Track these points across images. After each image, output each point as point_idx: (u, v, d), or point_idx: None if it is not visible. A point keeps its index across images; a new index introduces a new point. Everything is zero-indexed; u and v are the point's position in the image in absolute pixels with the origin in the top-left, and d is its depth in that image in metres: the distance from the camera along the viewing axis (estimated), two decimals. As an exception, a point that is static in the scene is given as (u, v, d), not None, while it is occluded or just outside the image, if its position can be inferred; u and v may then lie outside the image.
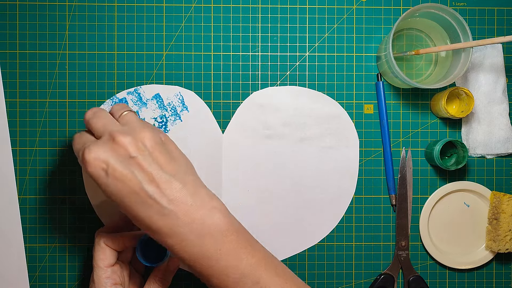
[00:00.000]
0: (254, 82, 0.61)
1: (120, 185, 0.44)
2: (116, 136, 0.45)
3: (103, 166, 0.44)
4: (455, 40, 0.57)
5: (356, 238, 0.61)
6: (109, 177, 0.44)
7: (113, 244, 0.51)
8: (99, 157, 0.44)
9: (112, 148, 0.44)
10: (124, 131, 0.45)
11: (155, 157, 0.45)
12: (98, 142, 0.45)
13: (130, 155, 0.44)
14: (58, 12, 0.60)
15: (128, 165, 0.44)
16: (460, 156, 0.59)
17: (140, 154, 0.45)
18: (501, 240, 0.59)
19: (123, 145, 0.44)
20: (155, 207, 0.44)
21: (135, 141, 0.45)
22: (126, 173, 0.44)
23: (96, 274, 0.51)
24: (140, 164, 0.44)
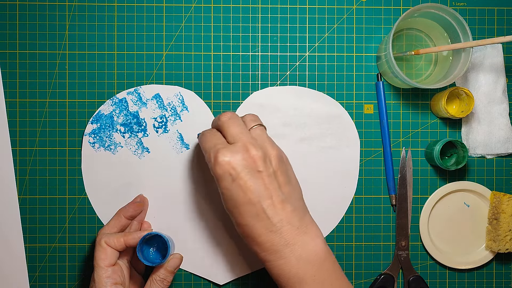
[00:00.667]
0: (254, 82, 0.61)
1: (242, 193, 0.47)
2: (250, 148, 0.47)
3: (232, 172, 0.46)
4: (455, 40, 0.57)
5: (356, 238, 0.61)
6: (234, 183, 0.46)
7: (114, 244, 0.52)
8: (230, 162, 0.46)
9: (244, 157, 0.47)
10: (257, 145, 0.48)
11: (277, 176, 0.48)
12: (231, 147, 0.47)
13: (258, 169, 0.47)
14: (58, 12, 0.60)
15: (254, 178, 0.47)
16: (460, 156, 0.59)
17: (266, 170, 0.47)
18: (501, 240, 0.59)
19: (254, 158, 0.47)
20: (265, 222, 0.47)
21: (264, 157, 0.48)
22: (250, 185, 0.46)
23: (97, 274, 0.51)
24: (264, 180, 0.47)
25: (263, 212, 0.47)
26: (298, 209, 0.49)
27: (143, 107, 0.59)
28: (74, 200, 0.60)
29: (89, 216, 0.60)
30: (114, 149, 0.59)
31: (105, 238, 0.52)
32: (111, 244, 0.52)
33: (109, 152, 0.59)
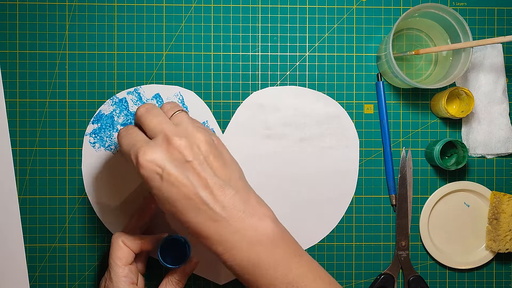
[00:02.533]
0: (254, 82, 0.61)
1: (175, 190, 0.43)
2: (172, 139, 0.43)
3: (158, 170, 0.43)
4: (455, 40, 0.57)
5: (356, 238, 0.61)
6: (164, 181, 0.43)
7: (131, 245, 0.52)
8: (154, 161, 0.43)
9: (167, 151, 0.43)
10: (179, 133, 0.44)
11: (210, 162, 0.44)
12: (152, 143, 0.44)
13: (186, 159, 0.43)
14: (58, 12, 0.60)
15: (183, 170, 0.43)
16: (460, 156, 0.59)
17: (195, 158, 0.44)
18: (501, 240, 0.59)
19: (179, 149, 0.43)
20: (207, 213, 0.43)
21: (190, 144, 0.44)
22: (181, 179, 0.43)
23: (114, 273, 0.50)
24: (195, 169, 0.43)
25: (203, 203, 0.43)
26: (240, 190, 0.45)
27: (143, 107, 0.59)
28: (74, 200, 0.60)
29: (89, 216, 0.60)
30: (114, 149, 0.59)
31: (123, 237, 0.51)
32: (128, 244, 0.51)
33: (109, 152, 0.59)
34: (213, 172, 0.44)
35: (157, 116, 0.46)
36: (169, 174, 0.43)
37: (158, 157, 0.43)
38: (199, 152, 0.44)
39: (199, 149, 0.44)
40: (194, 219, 0.44)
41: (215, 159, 0.45)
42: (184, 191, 0.43)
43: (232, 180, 0.45)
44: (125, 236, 0.52)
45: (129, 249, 0.51)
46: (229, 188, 0.44)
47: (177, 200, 0.43)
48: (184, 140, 0.44)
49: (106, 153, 0.59)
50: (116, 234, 0.52)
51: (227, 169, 0.45)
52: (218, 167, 0.45)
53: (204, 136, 0.45)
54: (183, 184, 0.43)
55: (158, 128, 0.45)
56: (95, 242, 0.60)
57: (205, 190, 0.43)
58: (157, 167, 0.43)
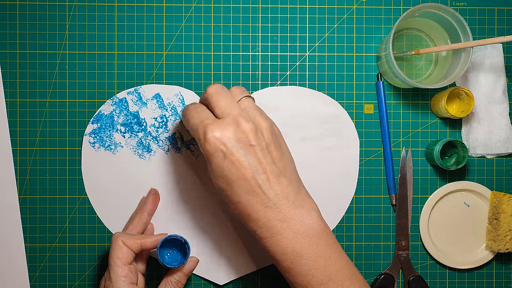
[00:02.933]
0: (254, 82, 0.61)
1: (234, 169, 0.45)
2: (240, 122, 0.46)
3: (223, 148, 0.45)
4: (455, 40, 0.57)
5: (356, 238, 0.61)
6: (226, 159, 0.45)
7: (131, 245, 0.52)
8: (221, 138, 0.45)
9: (235, 132, 0.45)
10: (247, 118, 0.46)
11: (270, 150, 0.47)
12: (220, 122, 0.46)
13: (250, 143, 0.45)
14: (58, 12, 0.60)
15: (246, 152, 0.45)
16: (460, 156, 0.59)
17: (258, 144, 0.46)
18: (501, 240, 0.59)
19: (246, 132, 0.45)
20: (260, 197, 0.46)
21: (255, 130, 0.46)
22: (243, 160, 0.45)
23: (114, 272, 0.51)
24: (257, 154, 0.46)
25: (258, 187, 0.45)
26: (294, 182, 0.48)
27: (143, 107, 0.59)
28: (74, 200, 0.60)
29: (89, 216, 0.60)
30: (114, 149, 0.59)
31: (122, 237, 0.52)
32: (128, 244, 0.51)
33: (109, 152, 0.59)
34: (272, 160, 0.46)
35: (227, 98, 0.47)
36: (232, 153, 0.45)
37: (225, 135, 0.45)
38: (262, 139, 0.46)
39: (262, 136, 0.46)
40: (246, 201, 0.46)
41: (275, 148, 0.47)
42: (243, 172, 0.45)
43: (287, 171, 0.47)
44: (124, 236, 0.52)
45: (128, 249, 0.51)
46: (284, 178, 0.47)
47: (234, 180, 0.45)
48: (251, 125, 0.46)
49: (106, 153, 0.59)
50: (116, 234, 0.52)
51: (284, 160, 0.48)
52: (277, 157, 0.47)
53: (268, 125, 0.47)
54: (243, 166, 0.45)
55: (228, 109, 0.47)
56: (95, 242, 0.60)
57: (262, 175, 0.46)
58: (222, 145, 0.45)
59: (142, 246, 0.52)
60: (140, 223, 0.56)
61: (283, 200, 0.46)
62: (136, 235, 0.53)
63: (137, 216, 0.56)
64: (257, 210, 0.46)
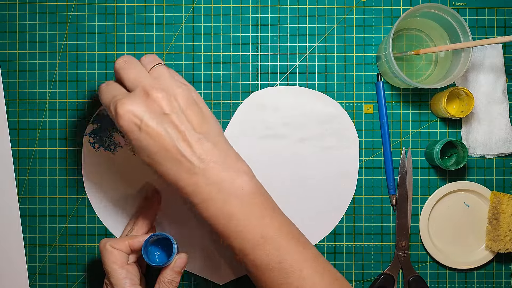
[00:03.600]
0: (254, 82, 0.61)
1: (152, 141, 0.44)
2: (150, 92, 0.44)
3: (136, 121, 0.44)
4: (455, 40, 0.57)
5: (356, 238, 0.61)
6: (142, 132, 0.44)
7: (120, 246, 0.51)
8: (133, 112, 0.44)
9: (146, 103, 0.44)
10: (158, 87, 0.45)
11: (188, 116, 0.45)
12: (131, 95, 0.45)
13: (164, 112, 0.44)
14: (58, 12, 0.60)
15: (161, 122, 0.44)
16: (460, 156, 0.59)
17: (173, 112, 0.45)
18: (501, 240, 0.59)
19: (157, 101, 0.44)
20: (185, 165, 0.44)
21: (168, 97, 0.45)
22: (159, 130, 0.44)
23: (114, 277, 0.50)
24: (173, 121, 0.44)
25: (181, 155, 0.44)
26: (219, 145, 0.46)
27: (143, 107, 0.59)
28: (74, 200, 0.60)
29: (89, 216, 0.60)
30: (114, 149, 0.59)
31: (109, 242, 0.51)
32: (116, 247, 0.51)
33: (109, 152, 0.59)
34: (191, 126, 0.45)
35: (136, 69, 0.46)
36: (147, 125, 0.44)
37: (136, 108, 0.44)
38: (177, 106, 0.45)
39: (177, 102, 0.45)
40: (171, 171, 0.45)
41: (193, 114, 0.46)
42: (162, 142, 0.44)
43: (210, 134, 0.46)
44: (111, 240, 0.51)
45: (119, 251, 0.51)
46: (207, 142, 0.45)
47: (155, 152, 0.44)
48: (162, 93, 0.44)
49: (106, 153, 0.59)
50: (102, 241, 0.52)
51: (206, 124, 0.46)
52: (197, 122, 0.46)
53: (183, 91, 0.46)
54: (161, 136, 0.44)
55: (137, 81, 0.45)
56: (95, 242, 0.60)
57: (183, 142, 0.44)
58: (136, 117, 0.44)
59: (130, 246, 0.52)
60: (145, 223, 0.56)
61: (209, 163, 0.45)
62: (122, 237, 0.52)
63: (141, 217, 0.56)
64: (184, 177, 0.45)
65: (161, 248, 0.55)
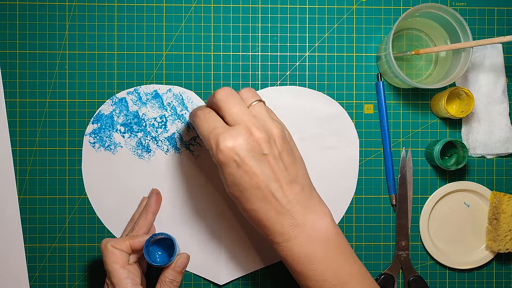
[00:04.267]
0: (254, 82, 0.61)
1: (248, 179, 0.45)
2: (253, 130, 0.45)
3: (236, 158, 0.44)
4: (455, 40, 0.57)
5: (356, 238, 0.61)
6: (239, 169, 0.45)
7: (121, 246, 0.51)
8: (234, 148, 0.44)
9: (248, 141, 0.45)
10: (259, 126, 0.46)
11: (283, 157, 0.46)
12: (233, 131, 0.45)
13: (263, 152, 0.45)
14: (58, 12, 0.60)
15: (259, 161, 0.45)
16: (460, 156, 0.59)
17: (271, 153, 0.46)
18: (501, 240, 0.59)
19: (259, 141, 0.45)
20: (273, 205, 0.46)
21: (268, 138, 0.46)
22: (256, 170, 0.45)
23: (115, 277, 0.50)
24: (270, 162, 0.45)
25: (271, 195, 0.46)
26: (306, 188, 0.48)
27: (143, 107, 0.59)
28: (74, 200, 0.60)
29: (89, 216, 0.60)
30: (114, 149, 0.59)
31: (111, 242, 0.51)
32: (117, 247, 0.51)
33: (109, 152, 0.59)
34: (285, 167, 0.46)
35: (238, 105, 0.47)
36: (246, 163, 0.45)
37: (238, 145, 0.44)
38: (275, 147, 0.46)
39: (275, 143, 0.46)
40: (260, 209, 0.46)
41: (287, 155, 0.47)
42: (256, 181, 0.45)
43: (299, 176, 0.48)
44: (112, 240, 0.52)
45: (120, 251, 0.51)
46: (296, 184, 0.47)
47: (247, 188, 0.45)
48: (264, 134, 0.45)
49: (106, 153, 0.59)
50: (103, 242, 0.52)
51: (296, 166, 0.48)
52: (289, 163, 0.47)
53: (280, 131, 0.47)
54: (256, 175, 0.45)
55: (239, 117, 0.46)
56: (95, 242, 0.60)
57: (275, 183, 0.46)
58: (236, 154, 0.44)
59: (131, 246, 0.52)
60: (146, 223, 0.56)
61: (296, 206, 0.46)
62: (123, 237, 0.53)
63: (142, 217, 0.56)
64: (271, 217, 0.46)
65: (162, 248, 0.55)
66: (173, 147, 0.60)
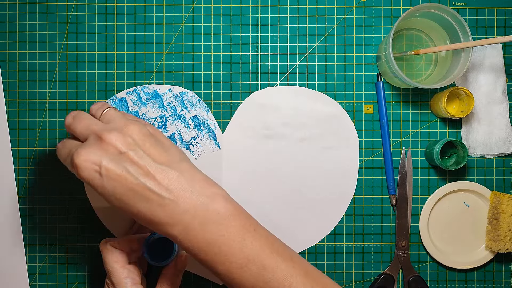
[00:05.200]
0: (254, 82, 0.61)
1: (117, 184, 0.43)
2: (102, 135, 0.44)
3: (96, 168, 0.43)
4: (455, 40, 0.57)
5: (356, 238, 0.61)
6: (104, 178, 0.43)
7: (120, 246, 0.51)
8: (89, 159, 0.43)
9: (101, 147, 0.43)
10: (109, 128, 0.44)
11: (146, 150, 0.44)
12: (85, 144, 0.44)
13: (120, 151, 0.43)
14: (58, 12, 0.60)
15: (120, 162, 0.43)
16: (460, 156, 0.59)
17: (130, 149, 0.44)
18: (501, 240, 0.59)
19: (112, 143, 0.43)
20: (154, 199, 0.43)
21: (122, 136, 0.44)
22: (120, 171, 0.43)
23: (115, 276, 0.50)
24: (132, 159, 0.43)
25: (147, 190, 0.43)
26: (185, 172, 0.45)
27: (143, 107, 0.59)
28: (74, 200, 0.60)
29: (89, 216, 0.60)
30: (114, 149, 0.59)
31: (110, 242, 0.51)
32: (117, 246, 0.51)
33: (109, 152, 0.59)
34: (152, 159, 0.44)
35: (85, 119, 0.46)
36: (107, 169, 0.42)
37: (92, 155, 0.43)
38: (132, 142, 0.44)
39: (132, 139, 0.44)
40: (143, 208, 0.43)
41: (151, 146, 0.45)
42: (126, 183, 0.43)
43: (173, 163, 0.45)
44: (111, 240, 0.52)
45: (120, 250, 0.51)
46: (171, 171, 0.44)
47: (122, 193, 0.43)
48: (115, 133, 0.44)
49: (106, 153, 0.59)
50: (103, 242, 0.52)
51: (167, 154, 0.45)
52: (156, 153, 0.45)
53: (135, 126, 0.45)
54: (123, 177, 0.43)
55: (88, 130, 0.45)
56: (95, 242, 0.60)
57: (146, 177, 0.43)
58: (94, 164, 0.43)
59: (131, 246, 0.52)
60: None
61: (179, 192, 0.43)
62: (123, 237, 0.53)
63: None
64: (157, 212, 0.43)
65: (162, 247, 0.55)
66: (173, 147, 0.60)
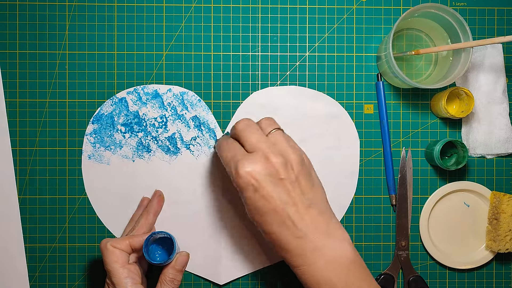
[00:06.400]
0: (254, 82, 0.61)
1: (266, 203, 0.47)
2: (270, 156, 0.47)
3: (254, 182, 0.47)
4: (455, 40, 0.57)
5: (356, 238, 0.61)
6: (257, 193, 0.47)
7: (121, 246, 0.52)
8: (251, 173, 0.47)
9: (265, 167, 0.47)
10: (276, 152, 0.48)
11: (299, 181, 0.48)
12: (251, 157, 0.47)
13: (280, 176, 0.47)
14: (58, 12, 0.60)
15: (276, 186, 0.47)
16: (460, 156, 0.59)
17: (288, 177, 0.47)
18: (501, 240, 0.59)
19: (275, 166, 0.47)
20: (292, 229, 0.47)
21: (285, 163, 0.48)
22: (272, 193, 0.47)
23: (115, 276, 0.50)
24: (287, 186, 0.47)
25: (289, 219, 0.47)
26: (324, 212, 0.49)
27: (143, 107, 0.59)
28: (74, 200, 0.60)
29: (89, 216, 0.60)
30: (114, 149, 0.59)
31: (110, 242, 0.52)
32: (117, 246, 0.51)
33: (110, 152, 0.59)
34: (301, 192, 0.48)
35: (256, 133, 0.49)
36: (263, 187, 0.47)
37: (255, 170, 0.47)
38: (292, 172, 0.48)
39: (292, 168, 0.48)
40: (279, 233, 0.48)
41: (304, 179, 0.49)
42: (273, 205, 0.47)
43: (317, 200, 0.49)
44: (112, 240, 0.52)
45: (120, 250, 0.51)
46: (314, 208, 0.48)
47: (266, 212, 0.47)
48: (281, 159, 0.48)
49: (106, 153, 0.59)
50: (103, 241, 0.52)
51: (314, 190, 0.49)
52: (307, 188, 0.49)
53: (297, 157, 0.49)
54: (274, 199, 0.47)
55: (257, 145, 0.48)
56: (95, 242, 0.60)
57: (292, 207, 0.47)
58: (253, 179, 0.47)
59: (131, 246, 0.52)
60: (146, 223, 0.56)
61: (314, 230, 0.47)
62: (123, 237, 0.53)
63: (143, 217, 0.56)
64: (289, 240, 0.47)
65: (162, 247, 0.55)
66: (173, 147, 0.60)
